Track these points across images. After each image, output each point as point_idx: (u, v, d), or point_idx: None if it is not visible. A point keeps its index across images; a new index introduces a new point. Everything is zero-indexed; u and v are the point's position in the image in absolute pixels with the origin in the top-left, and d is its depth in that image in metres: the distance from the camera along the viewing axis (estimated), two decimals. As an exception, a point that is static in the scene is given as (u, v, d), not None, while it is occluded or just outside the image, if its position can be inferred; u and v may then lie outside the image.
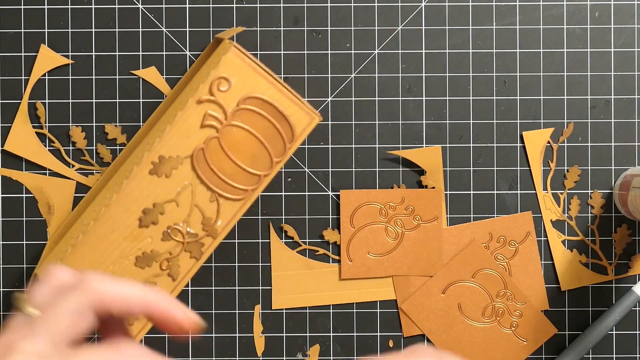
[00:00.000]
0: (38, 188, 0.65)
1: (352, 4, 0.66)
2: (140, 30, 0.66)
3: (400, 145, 0.66)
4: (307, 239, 0.66)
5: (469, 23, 0.66)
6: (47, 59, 0.65)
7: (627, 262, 0.66)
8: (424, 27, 0.66)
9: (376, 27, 0.66)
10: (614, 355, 0.66)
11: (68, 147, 0.65)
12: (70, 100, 0.66)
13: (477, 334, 0.66)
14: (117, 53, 0.66)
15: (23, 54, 0.66)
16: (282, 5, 0.66)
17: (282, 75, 0.66)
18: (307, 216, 0.66)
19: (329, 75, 0.66)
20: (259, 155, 0.54)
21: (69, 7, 0.66)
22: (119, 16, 0.66)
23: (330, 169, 0.65)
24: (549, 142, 0.66)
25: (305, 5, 0.66)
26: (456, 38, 0.66)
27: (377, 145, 0.66)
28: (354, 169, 0.66)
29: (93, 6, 0.66)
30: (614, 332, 0.66)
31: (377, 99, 0.66)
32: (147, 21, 0.66)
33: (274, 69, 0.66)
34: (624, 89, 0.66)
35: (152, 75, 0.66)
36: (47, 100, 0.66)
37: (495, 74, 0.66)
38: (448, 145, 0.66)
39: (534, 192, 0.66)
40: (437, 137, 0.66)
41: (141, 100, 0.66)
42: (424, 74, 0.66)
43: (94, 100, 0.66)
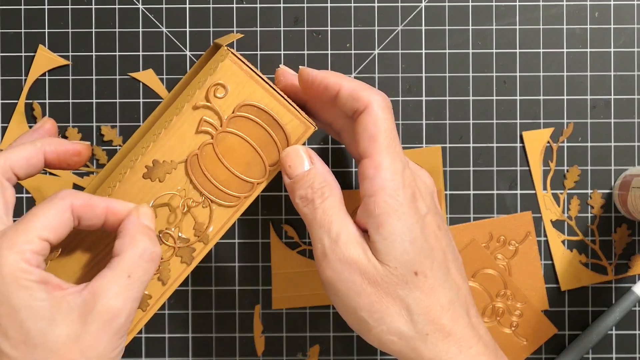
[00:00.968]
0: (36, 188, 0.65)
1: (352, 4, 0.66)
2: (140, 30, 0.66)
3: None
4: (307, 239, 0.66)
5: (469, 23, 0.66)
6: (45, 60, 0.65)
7: (626, 262, 0.66)
8: (424, 27, 0.66)
9: (376, 27, 0.66)
10: (614, 355, 0.66)
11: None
12: (70, 101, 0.66)
13: (477, 333, 0.66)
14: (117, 53, 0.66)
15: (23, 54, 0.66)
16: (282, 5, 0.66)
17: (282, 75, 0.66)
18: (307, 216, 0.66)
19: (329, 76, 0.66)
20: (253, 162, 0.54)
21: (69, 7, 0.66)
22: (119, 16, 0.66)
23: (330, 169, 0.65)
24: (548, 142, 0.66)
25: (305, 5, 0.66)
26: (456, 38, 0.66)
27: (377, 145, 0.66)
28: (354, 169, 0.66)
29: (93, 6, 0.66)
30: (614, 332, 0.66)
31: (377, 99, 0.66)
32: (147, 21, 0.66)
33: (274, 69, 0.65)
34: (624, 89, 0.66)
35: (150, 77, 0.66)
36: (47, 101, 0.66)
37: (495, 74, 0.66)
38: (448, 145, 0.66)
39: (534, 192, 0.66)
40: (437, 137, 0.66)
41: (141, 101, 0.66)
42: (424, 74, 0.66)
43: (94, 101, 0.66)
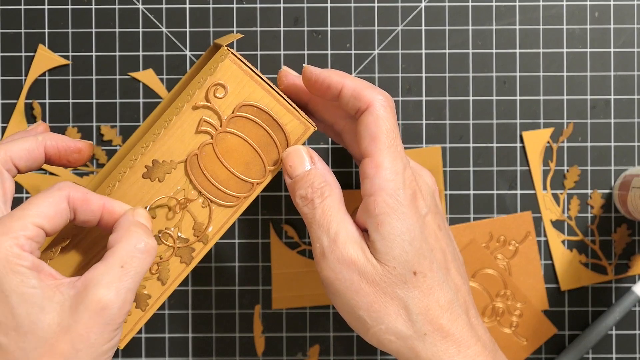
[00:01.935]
0: (35, 187, 0.65)
1: (352, 4, 0.66)
2: (140, 30, 0.66)
3: (400, 145, 0.66)
4: (307, 239, 0.66)
5: (469, 23, 0.66)
6: (45, 59, 0.65)
7: (626, 262, 0.66)
8: (424, 27, 0.66)
9: (376, 27, 0.66)
10: (614, 355, 0.66)
11: (67, 147, 0.65)
12: (70, 100, 0.66)
13: (477, 333, 0.66)
14: (117, 53, 0.66)
15: (23, 54, 0.66)
16: (282, 5, 0.66)
17: (282, 75, 0.66)
18: (307, 216, 0.66)
19: (329, 76, 0.66)
20: (252, 162, 0.54)
21: (69, 7, 0.66)
22: (119, 16, 0.66)
23: (331, 169, 0.65)
24: (548, 142, 0.66)
25: (305, 5, 0.66)
26: (456, 38, 0.66)
27: (377, 145, 0.66)
28: (354, 169, 0.66)
29: (93, 6, 0.66)
30: (614, 332, 0.66)
31: (377, 99, 0.66)
32: (147, 21, 0.66)
33: (274, 69, 0.66)
34: (624, 89, 0.66)
35: (150, 77, 0.65)
36: (47, 101, 0.66)
37: (495, 74, 0.66)
38: (448, 145, 0.66)
39: (534, 192, 0.66)
40: (437, 137, 0.66)
41: (141, 101, 0.66)
42: (424, 74, 0.66)
43: (94, 101, 0.66)
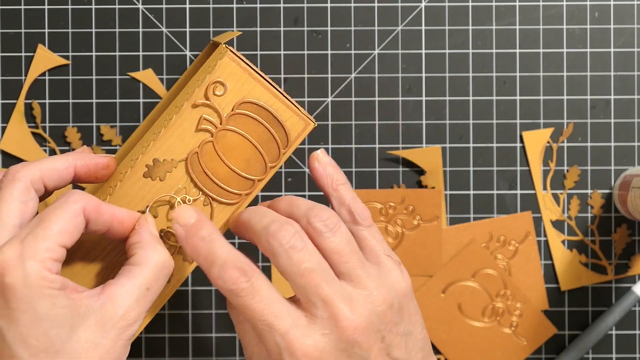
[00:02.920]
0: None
1: (352, 4, 0.66)
2: (140, 30, 0.66)
3: (400, 145, 0.66)
4: (307, 239, 0.66)
5: (469, 23, 0.66)
6: (45, 59, 0.65)
7: (626, 262, 0.66)
8: (423, 28, 0.66)
9: (376, 27, 0.66)
10: (614, 355, 0.66)
11: (63, 147, 0.65)
12: (70, 101, 0.66)
13: (477, 334, 0.66)
14: (117, 53, 0.66)
15: (23, 54, 0.66)
16: (282, 5, 0.66)
17: (282, 76, 0.66)
18: (307, 216, 0.66)
19: (329, 76, 0.66)
20: (253, 160, 0.54)
21: (69, 7, 0.65)
22: (119, 16, 0.66)
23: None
24: (548, 142, 0.66)
25: (305, 5, 0.66)
26: (456, 38, 0.66)
27: (377, 146, 0.66)
28: (354, 169, 0.66)
29: (93, 6, 0.66)
30: (614, 332, 0.66)
31: (377, 99, 0.66)
32: (147, 21, 0.66)
33: (274, 69, 0.66)
34: (623, 89, 0.66)
35: (149, 77, 0.65)
36: (46, 100, 0.66)
37: (495, 74, 0.66)
38: (448, 145, 0.66)
39: (534, 192, 0.66)
40: (437, 137, 0.66)
41: (141, 101, 0.66)
42: (424, 74, 0.66)
43: (94, 101, 0.66)
